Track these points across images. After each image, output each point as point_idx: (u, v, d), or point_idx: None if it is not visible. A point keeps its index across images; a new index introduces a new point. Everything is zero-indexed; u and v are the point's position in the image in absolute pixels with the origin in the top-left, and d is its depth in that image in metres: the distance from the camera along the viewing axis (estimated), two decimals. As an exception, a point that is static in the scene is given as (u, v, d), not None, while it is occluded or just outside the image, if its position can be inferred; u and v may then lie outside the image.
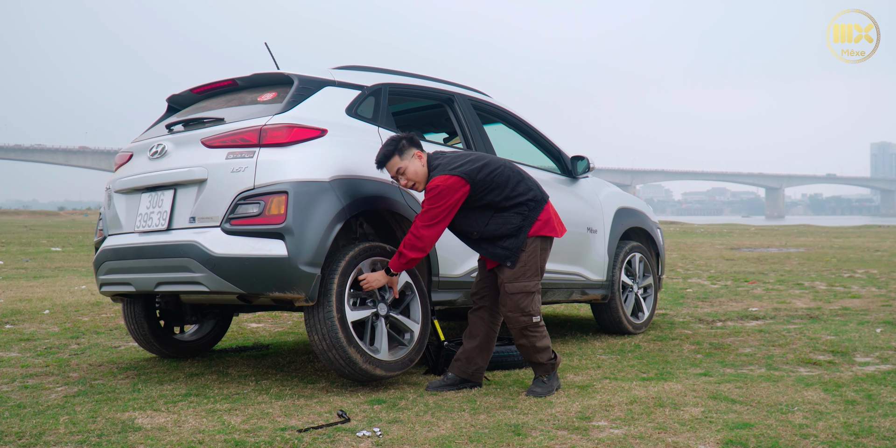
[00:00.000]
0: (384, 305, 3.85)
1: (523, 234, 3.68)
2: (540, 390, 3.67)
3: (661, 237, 6.24)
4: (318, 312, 3.60)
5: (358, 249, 3.74)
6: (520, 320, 3.68)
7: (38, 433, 3.02)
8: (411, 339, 3.91)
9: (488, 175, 3.63)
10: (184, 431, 3.02)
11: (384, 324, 3.84)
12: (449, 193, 3.57)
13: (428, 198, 3.60)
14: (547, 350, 3.74)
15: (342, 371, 3.66)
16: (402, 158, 3.66)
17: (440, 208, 3.58)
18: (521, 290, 3.67)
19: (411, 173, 3.68)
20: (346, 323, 3.61)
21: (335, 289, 3.60)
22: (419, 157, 3.69)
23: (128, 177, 4.15)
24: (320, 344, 3.61)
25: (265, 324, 6.30)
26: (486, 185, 3.63)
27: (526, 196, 3.70)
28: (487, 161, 3.69)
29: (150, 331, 4.60)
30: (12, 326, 5.92)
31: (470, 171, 3.60)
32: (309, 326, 3.64)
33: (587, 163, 5.34)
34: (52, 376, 4.24)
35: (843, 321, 6.10)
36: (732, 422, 3.13)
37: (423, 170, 3.69)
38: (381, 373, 3.69)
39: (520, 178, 3.73)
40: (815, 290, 8.45)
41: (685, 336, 5.48)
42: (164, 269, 3.77)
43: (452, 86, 4.90)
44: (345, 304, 3.63)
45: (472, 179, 3.60)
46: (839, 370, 4.25)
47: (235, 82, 4.27)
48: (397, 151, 3.65)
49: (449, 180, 3.57)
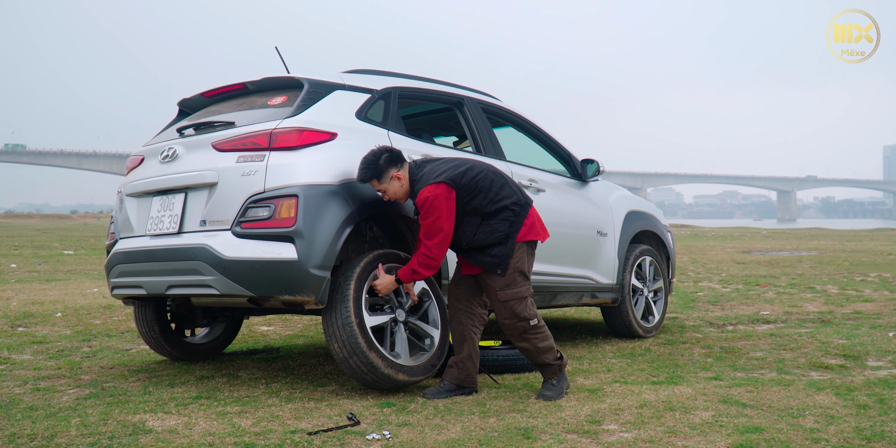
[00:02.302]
0: (402, 311, 3.82)
1: (511, 240, 3.68)
2: (550, 393, 3.67)
3: (671, 240, 6.23)
4: (336, 319, 3.57)
5: (373, 256, 3.74)
6: (517, 326, 3.69)
7: (50, 435, 3.04)
8: (432, 345, 3.88)
9: (472, 179, 3.65)
10: (194, 434, 3.03)
11: (403, 330, 3.82)
12: (439, 202, 3.57)
13: (422, 213, 3.62)
14: (551, 350, 3.74)
15: (364, 378, 3.62)
16: (381, 182, 3.68)
17: (436, 217, 3.58)
18: (514, 296, 3.67)
19: (391, 194, 3.72)
20: (366, 328, 3.58)
21: (352, 294, 3.57)
22: (398, 179, 3.69)
23: (139, 180, 4.17)
24: (341, 351, 3.57)
25: (275, 327, 6.31)
26: (471, 189, 3.64)
27: (510, 199, 3.70)
28: (470, 165, 3.70)
29: (161, 334, 4.62)
30: (25, 329, 5.96)
31: (453, 176, 3.61)
32: (328, 334, 3.62)
33: (597, 166, 5.34)
34: (63, 379, 4.26)
35: (856, 325, 6.07)
36: (743, 426, 3.11)
37: (402, 190, 3.72)
38: (403, 378, 3.65)
39: (503, 183, 3.74)
40: (827, 293, 8.40)
41: (696, 340, 5.46)
42: (174, 272, 3.78)
43: (462, 89, 4.90)
44: (362, 309, 3.60)
45: (456, 184, 3.61)
46: (851, 374, 4.23)
47: (246, 86, 4.29)
48: (375, 176, 3.66)
49: (437, 190, 3.58)
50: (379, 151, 3.68)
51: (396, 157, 3.70)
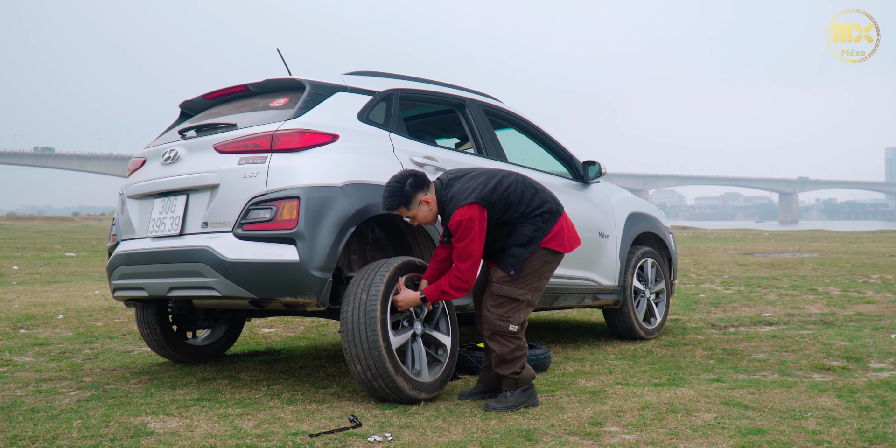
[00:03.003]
0: (420, 324, 3.75)
1: (534, 244, 3.59)
2: (495, 404, 3.51)
3: (673, 242, 6.23)
4: (361, 341, 3.44)
5: (394, 269, 3.61)
6: (495, 323, 3.56)
7: (52, 437, 3.04)
8: (445, 354, 3.81)
9: (503, 194, 3.54)
10: (196, 436, 3.03)
11: (421, 343, 3.74)
12: (473, 224, 3.46)
13: (456, 236, 3.49)
14: (514, 363, 3.56)
15: (385, 399, 3.55)
16: (410, 208, 3.55)
17: (470, 240, 3.47)
18: (507, 294, 3.57)
19: (421, 219, 3.61)
20: (392, 351, 3.48)
21: (378, 316, 3.44)
22: (427, 203, 3.56)
23: (141, 182, 4.17)
24: (364, 373, 3.47)
25: (277, 329, 6.32)
26: (502, 204, 3.54)
27: (542, 209, 3.62)
28: (499, 179, 3.58)
29: (162, 336, 4.62)
30: (27, 331, 5.96)
31: (484, 194, 3.49)
32: (350, 355, 3.48)
33: (599, 168, 5.33)
34: (65, 381, 4.26)
35: (858, 327, 6.06)
36: (745, 428, 3.11)
37: (431, 214, 3.60)
38: (424, 396, 3.59)
39: (534, 192, 3.64)
40: (829, 295, 8.39)
41: (698, 341, 5.46)
42: (176, 274, 3.79)
43: (464, 91, 4.90)
44: (388, 331, 3.50)
45: (487, 203, 3.50)
46: (853, 376, 4.22)
47: (248, 88, 4.29)
48: (402, 203, 3.52)
49: (470, 211, 3.46)
50: (402, 176, 3.53)
51: (422, 180, 3.55)
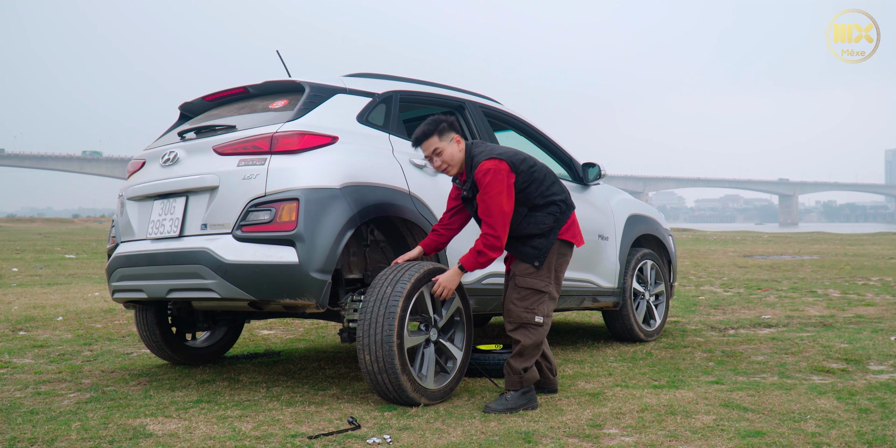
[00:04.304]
0: (435, 331, 3.75)
1: (553, 235, 3.65)
2: (495, 406, 3.51)
3: (672, 244, 6.23)
4: (375, 333, 3.48)
5: (423, 272, 3.62)
6: (521, 316, 3.59)
7: (51, 439, 3.04)
8: (454, 367, 3.81)
9: (529, 168, 3.63)
10: (195, 438, 3.03)
11: (433, 350, 3.74)
12: (501, 176, 3.52)
13: (484, 185, 3.53)
14: (529, 358, 3.59)
15: (387, 395, 3.57)
16: (441, 139, 3.64)
17: (498, 192, 3.51)
18: (531, 286, 3.61)
19: (447, 156, 3.65)
20: (403, 349, 3.50)
21: (398, 313, 3.47)
22: (458, 142, 3.67)
23: (140, 184, 4.17)
24: (371, 365, 3.49)
25: (276, 331, 6.31)
26: (527, 177, 3.61)
27: (559, 196, 3.69)
28: (527, 156, 3.69)
29: (161, 337, 4.62)
30: (26, 333, 5.96)
31: (515, 160, 3.59)
32: (361, 345, 3.50)
33: (598, 170, 5.34)
34: (64, 382, 4.26)
35: (857, 329, 6.06)
36: (744, 430, 3.11)
37: (459, 155, 3.66)
38: (424, 401, 3.59)
39: (553, 179, 3.73)
40: (829, 297, 8.39)
41: (697, 344, 5.45)
42: (175, 276, 3.78)
43: (463, 93, 4.91)
44: (405, 328, 3.52)
45: (516, 169, 3.59)
46: (853, 378, 4.22)
47: (247, 90, 4.29)
48: (437, 132, 3.63)
49: (499, 165, 3.54)
50: (441, 118, 3.67)
51: (457, 127, 3.71)
